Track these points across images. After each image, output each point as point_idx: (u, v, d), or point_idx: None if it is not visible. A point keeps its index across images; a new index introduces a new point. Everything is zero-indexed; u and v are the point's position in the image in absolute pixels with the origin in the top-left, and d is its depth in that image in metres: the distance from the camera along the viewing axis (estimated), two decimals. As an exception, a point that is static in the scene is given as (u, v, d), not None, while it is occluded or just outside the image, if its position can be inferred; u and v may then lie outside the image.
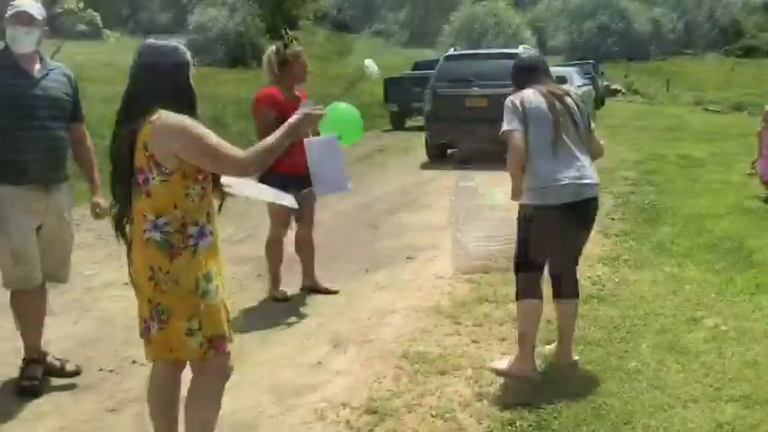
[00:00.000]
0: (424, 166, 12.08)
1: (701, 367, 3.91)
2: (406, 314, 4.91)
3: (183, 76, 2.73)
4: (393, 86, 18.99)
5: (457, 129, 11.97)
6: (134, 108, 2.66)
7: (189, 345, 2.67)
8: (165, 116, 2.60)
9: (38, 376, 3.86)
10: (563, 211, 3.72)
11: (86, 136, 4.12)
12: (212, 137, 2.61)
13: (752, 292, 5.15)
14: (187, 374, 2.90)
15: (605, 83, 32.40)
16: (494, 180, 10.72)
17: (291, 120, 2.80)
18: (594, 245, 6.42)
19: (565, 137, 3.76)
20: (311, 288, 5.42)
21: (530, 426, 3.33)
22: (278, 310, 5.02)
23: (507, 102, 3.86)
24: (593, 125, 4.01)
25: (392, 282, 5.66)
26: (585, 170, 3.79)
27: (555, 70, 15.78)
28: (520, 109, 3.79)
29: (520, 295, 3.91)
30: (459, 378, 3.87)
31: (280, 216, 5.12)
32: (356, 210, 8.30)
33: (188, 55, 2.76)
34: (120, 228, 2.73)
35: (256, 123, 4.93)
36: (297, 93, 5.06)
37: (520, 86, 3.95)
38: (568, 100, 3.87)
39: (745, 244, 6.54)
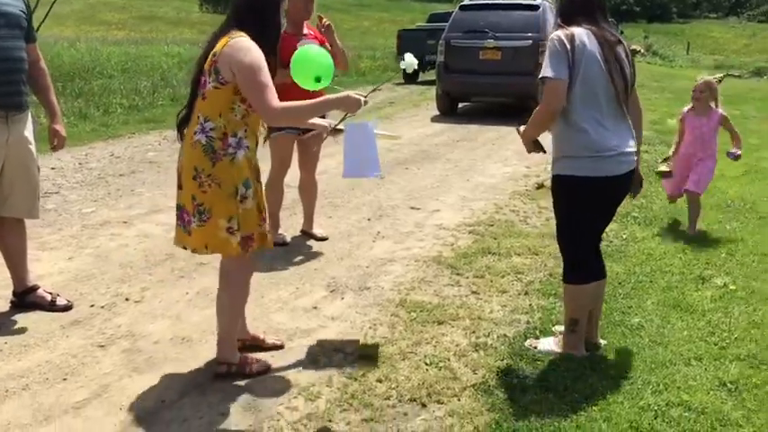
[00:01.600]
0: (435, 119, 11.88)
1: (706, 325, 3.79)
2: (407, 263, 4.80)
3: (270, 12, 3.06)
4: (407, 39, 18.65)
5: (470, 82, 11.73)
6: (221, 29, 3.05)
7: (229, 242, 3.01)
8: (239, 38, 2.94)
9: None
10: (615, 182, 3.24)
11: (40, 57, 3.88)
12: (264, 76, 2.88)
13: (763, 253, 5.01)
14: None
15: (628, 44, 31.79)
16: (507, 137, 10.59)
17: (335, 96, 3.08)
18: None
19: (620, 98, 3.21)
20: (306, 232, 5.33)
21: (526, 377, 3.23)
22: (275, 253, 4.91)
23: (553, 39, 3.16)
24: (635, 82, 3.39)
25: (394, 231, 5.55)
26: (631, 136, 3.30)
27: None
28: (569, 52, 3.11)
29: (574, 278, 3.38)
30: (456, 328, 3.77)
31: (279, 157, 5.02)
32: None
33: None
34: (180, 128, 3.10)
35: None
36: (307, 29, 4.91)
37: (567, 22, 3.23)
38: (620, 50, 3.24)
39: (757, 205, 6.38)
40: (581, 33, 3.16)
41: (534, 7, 11.91)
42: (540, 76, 3.16)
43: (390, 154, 8.53)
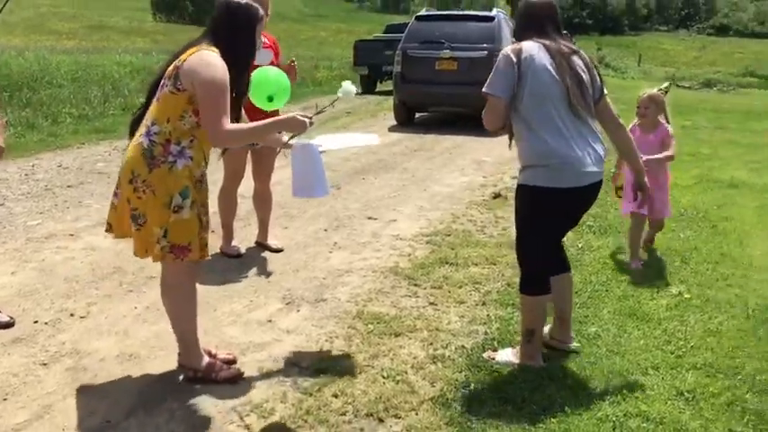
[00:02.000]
0: (392, 129, 11.85)
1: (662, 334, 3.79)
2: (364, 274, 4.73)
3: (246, 31, 3.07)
4: (363, 49, 18.60)
5: (426, 92, 11.74)
6: (195, 40, 3.07)
7: (156, 248, 2.97)
8: (209, 51, 2.94)
9: None
10: (573, 194, 3.19)
11: None
12: (222, 98, 2.87)
13: (716, 261, 5.06)
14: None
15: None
16: (464, 146, 10.60)
17: (280, 118, 3.08)
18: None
19: (576, 105, 3.16)
20: (261, 243, 5.23)
21: (484, 389, 3.18)
22: (229, 265, 4.81)
23: (501, 55, 3.22)
24: (605, 90, 3.36)
25: (351, 242, 5.48)
26: (598, 148, 3.23)
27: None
28: (515, 66, 3.14)
29: (531, 289, 3.36)
30: (414, 340, 3.71)
31: (232, 167, 4.92)
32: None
33: (254, 13, 3.10)
34: (132, 129, 3.08)
35: None
36: (264, 38, 4.82)
37: (520, 38, 3.29)
38: (576, 59, 3.23)
39: (711, 214, 6.47)
40: (531, 47, 3.19)
41: (489, 18, 12.00)
42: (483, 89, 3.23)
43: (348, 164, 8.46)
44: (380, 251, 5.25)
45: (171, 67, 2.98)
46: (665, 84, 4.06)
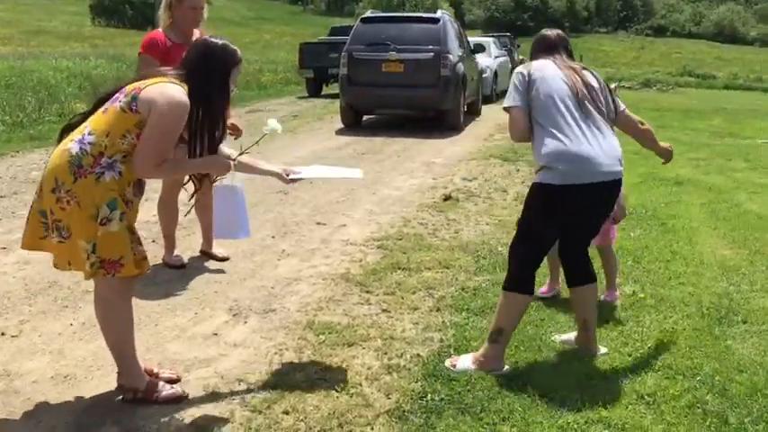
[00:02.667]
0: (339, 132, 11.70)
1: (619, 336, 3.74)
2: (314, 282, 4.58)
3: (218, 75, 2.97)
4: (308, 52, 18.41)
5: (373, 94, 11.64)
6: (168, 69, 3.03)
7: (87, 264, 2.79)
8: (178, 86, 2.86)
9: None
10: (589, 191, 3.22)
11: None
12: (169, 135, 2.82)
13: (667, 260, 5.05)
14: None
15: (521, 57, 32.65)
16: (412, 148, 10.52)
17: (204, 159, 3.03)
18: (512, 212, 6.26)
19: (585, 103, 3.26)
20: (206, 252, 5.03)
21: (441, 399, 3.06)
22: (171, 277, 4.60)
23: (514, 73, 3.41)
24: (622, 106, 3.50)
25: (299, 249, 5.32)
26: (611, 152, 3.25)
27: (473, 40, 15.71)
28: (526, 77, 3.32)
29: (513, 286, 3.34)
30: (368, 350, 3.57)
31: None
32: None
33: (231, 56, 3.03)
34: (63, 133, 2.93)
35: (137, 68, 4.76)
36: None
37: (532, 59, 3.52)
38: (587, 73, 3.39)
39: (659, 212, 6.50)
40: (540, 61, 3.41)
41: (435, 20, 11.98)
42: (503, 106, 3.40)
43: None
44: (330, 257, 5.10)
45: (131, 86, 2.87)
46: (613, 84, 3.93)
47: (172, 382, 3.16)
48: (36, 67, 14.64)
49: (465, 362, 3.37)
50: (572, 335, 3.66)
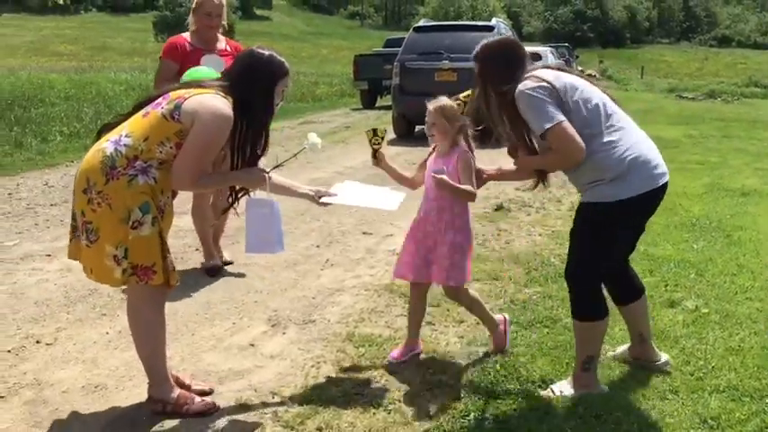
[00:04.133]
0: (391, 143, 11.57)
1: (680, 353, 3.47)
2: (356, 293, 4.43)
3: (262, 88, 2.85)
4: (363, 64, 18.41)
5: (425, 104, 11.45)
6: (214, 80, 2.96)
7: (111, 271, 2.69)
8: (222, 99, 2.76)
9: None
10: (650, 197, 2.95)
11: None
12: (210, 149, 2.74)
13: (733, 273, 4.73)
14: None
15: (579, 68, 32.17)
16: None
17: (239, 172, 2.92)
18: (566, 223, 6.01)
19: (617, 106, 3.01)
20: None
21: (485, 419, 2.86)
22: (212, 284, 4.50)
23: (526, 93, 2.89)
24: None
25: (344, 258, 5.18)
26: (655, 148, 3.02)
27: (529, 49, 15.47)
28: (546, 90, 2.87)
29: (589, 315, 3.06)
30: (409, 364, 3.39)
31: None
32: (313, 184, 7.70)
33: (278, 68, 2.90)
34: (101, 132, 2.86)
35: (157, 71, 4.84)
36: (226, 44, 4.79)
37: (512, 80, 3.02)
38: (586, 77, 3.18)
39: (724, 223, 6.15)
40: (550, 72, 2.99)
41: (489, 28, 11.76)
42: (543, 130, 2.85)
43: (342, 178, 8.16)
44: (375, 267, 4.95)
45: (175, 94, 2.79)
46: (465, 93, 3.48)
47: (204, 394, 3.03)
48: (95, 80, 14.98)
49: (564, 388, 3.10)
50: (625, 347, 3.43)
